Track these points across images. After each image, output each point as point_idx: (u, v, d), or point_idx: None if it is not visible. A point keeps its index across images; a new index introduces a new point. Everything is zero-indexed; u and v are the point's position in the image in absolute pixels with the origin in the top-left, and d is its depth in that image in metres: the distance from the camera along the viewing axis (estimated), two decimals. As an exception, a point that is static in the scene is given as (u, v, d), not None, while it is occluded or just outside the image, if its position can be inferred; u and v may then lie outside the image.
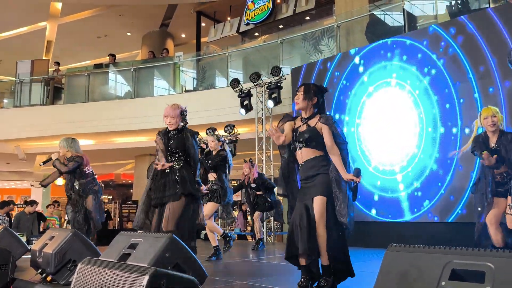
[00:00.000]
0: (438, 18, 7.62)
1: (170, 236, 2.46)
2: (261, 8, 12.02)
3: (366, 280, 3.45)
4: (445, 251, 1.44)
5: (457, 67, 5.91)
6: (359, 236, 6.52)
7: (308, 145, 3.02)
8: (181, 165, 3.83)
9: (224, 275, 4.25)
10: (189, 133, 3.90)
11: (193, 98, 10.46)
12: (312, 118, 3.07)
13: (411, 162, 6.29)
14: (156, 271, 1.87)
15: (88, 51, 16.35)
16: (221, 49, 12.01)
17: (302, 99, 3.08)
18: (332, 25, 9.01)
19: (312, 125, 3.04)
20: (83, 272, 2.21)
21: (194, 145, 3.85)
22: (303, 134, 3.04)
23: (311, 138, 3.01)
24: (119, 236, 2.81)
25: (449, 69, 6.00)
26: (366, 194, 6.71)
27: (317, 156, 3.02)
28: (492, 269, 1.29)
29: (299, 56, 9.65)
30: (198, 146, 3.96)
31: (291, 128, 3.15)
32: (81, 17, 14.42)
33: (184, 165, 3.83)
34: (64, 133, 10.42)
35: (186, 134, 3.89)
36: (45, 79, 12.00)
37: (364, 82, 7.05)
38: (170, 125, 3.86)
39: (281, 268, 4.60)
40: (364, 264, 4.76)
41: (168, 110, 3.88)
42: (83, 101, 11.31)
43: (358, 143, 6.99)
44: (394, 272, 1.51)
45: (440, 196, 5.86)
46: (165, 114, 3.89)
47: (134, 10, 14.15)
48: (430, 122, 6.14)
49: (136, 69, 11.43)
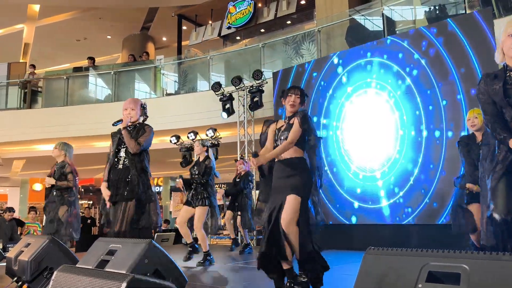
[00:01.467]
0: (416, 23, 7.75)
1: (149, 242, 2.43)
2: (243, 12, 12.04)
3: (346, 283, 3.46)
4: (422, 254, 1.46)
5: (439, 67, 5.89)
6: (340, 238, 6.58)
7: None
8: (134, 164, 3.60)
9: (205, 281, 4.22)
10: (146, 127, 3.69)
11: (174, 101, 10.40)
12: (293, 117, 3.09)
13: (393, 167, 6.25)
14: (133, 278, 1.84)
15: (67, 54, 16.12)
16: (202, 52, 11.97)
17: (298, 102, 3.09)
18: (313, 29, 9.08)
19: (292, 123, 3.05)
20: (59, 280, 2.16)
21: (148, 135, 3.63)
22: (284, 132, 3.05)
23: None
24: (97, 242, 2.76)
25: (432, 69, 5.97)
26: (345, 201, 6.70)
27: (297, 157, 3.02)
28: (467, 270, 1.31)
29: (281, 60, 9.69)
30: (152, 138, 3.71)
31: (274, 129, 3.16)
32: (59, 20, 14.21)
33: (137, 164, 3.61)
34: (42, 137, 10.25)
35: (143, 127, 3.68)
36: (22, 82, 11.75)
37: (342, 83, 7.00)
38: (130, 117, 3.66)
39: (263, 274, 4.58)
40: (344, 267, 4.79)
41: (128, 102, 3.72)
42: (62, 104, 11.11)
43: (337, 147, 6.99)
44: (372, 275, 1.52)
45: (424, 205, 5.81)
46: (125, 106, 3.70)
47: (114, 13, 14.01)
48: (411, 125, 6.13)
49: (116, 73, 11.30)
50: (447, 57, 5.86)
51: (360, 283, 1.52)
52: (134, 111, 3.67)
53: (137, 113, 3.69)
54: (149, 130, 3.67)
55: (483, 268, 1.29)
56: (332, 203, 6.84)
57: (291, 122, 3.05)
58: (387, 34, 7.44)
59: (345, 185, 6.77)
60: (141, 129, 3.67)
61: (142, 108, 3.75)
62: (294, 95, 3.09)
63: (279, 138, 3.07)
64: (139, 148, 3.59)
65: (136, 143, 3.59)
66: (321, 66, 7.42)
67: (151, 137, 3.67)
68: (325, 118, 7.21)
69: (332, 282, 3.09)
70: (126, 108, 3.68)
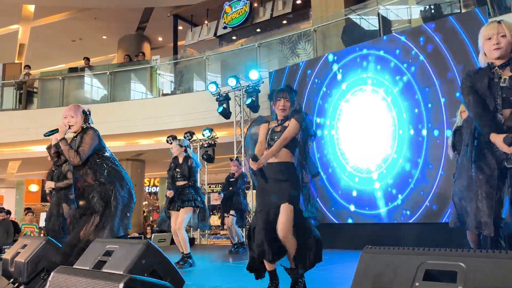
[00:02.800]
0: (411, 23, 7.77)
1: (146, 243, 2.42)
2: (239, 11, 12.03)
3: (342, 283, 3.47)
4: (419, 252, 1.46)
5: (438, 63, 5.82)
6: (335, 238, 6.58)
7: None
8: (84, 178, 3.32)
9: (203, 281, 4.22)
10: (86, 132, 3.34)
11: (170, 102, 10.38)
12: (287, 120, 3.06)
13: (390, 168, 6.18)
14: (131, 278, 1.84)
15: (63, 55, 16.05)
16: (198, 52, 11.95)
17: (289, 106, 3.05)
18: (309, 29, 9.09)
19: (287, 126, 3.02)
20: (55, 281, 2.15)
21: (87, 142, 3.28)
22: (277, 133, 3.02)
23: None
24: (94, 243, 2.75)
25: (431, 65, 5.89)
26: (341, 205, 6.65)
27: (288, 163, 2.99)
28: (464, 268, 1.31)
29: (277, 60, 9.69)
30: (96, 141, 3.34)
31: (266, 129, 3.13)
32: (55, 20, 14.14)
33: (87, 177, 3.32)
34: (38, 138, 10.17)
35: (83, 133, 3.34)
36: (17, 83, 11.70)
37: (338, 81, 6.94)
38: (67, 126, 3.33)
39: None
40: (341, 266, 4.80)
41: (67, 109, 3.39)
42: (57, 105, 11.06)
43: (331, 147, 6.93)
44: (369, 273, 1.52)
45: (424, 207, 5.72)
46: (64, 114, 3.38)
47: (109, 14, 13.96)
48: (410, 123, 6.05)
49: (112, 73, 11.26)
50: (446, 53, 5.75)
51: (357, 282, 1.53)
52: (74, 118, 3.35)
53: (77, 120, 3.37)
54: (88, 137, 3.30)
55: (479, 266, 1.29)
56: (328, 206, 6.77)
57: (286, 125, 3.01)
58: (383, 34, 7.44)
59: (340, 186, 6.68)
60: (82, 136, 3.33)
61: (84, 115, 3.43)
62: (284, 99, 3.03)
63: (272, 139, 3.03)
64: (78, 160, 3.23)
65: (75, 154, 3.24)
66: (315, 63, 7.38)
67: (92, 142, 3.30)
68: (320, 117, 7.13)
69: (329, 281, 3.09)
70: (66, 116, 3.37)
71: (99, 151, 3.37)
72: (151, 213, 17.45)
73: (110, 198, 3.30)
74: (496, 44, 2.26)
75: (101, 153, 3.38)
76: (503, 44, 2.25)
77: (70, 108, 3.41)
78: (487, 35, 2.32)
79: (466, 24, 5.67)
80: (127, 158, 11.99)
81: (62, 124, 3.34)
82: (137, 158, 12.44)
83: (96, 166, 3.32)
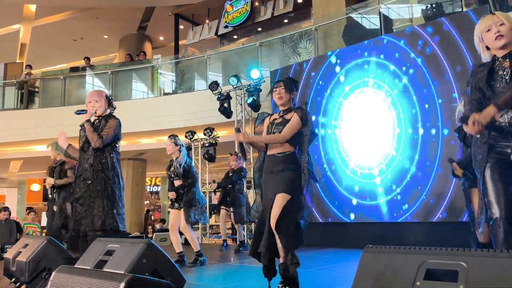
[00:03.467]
0: (413, 21, 7.76)
1: (147, 242, 2.43)
2: (240, 11, 12.02)
3: (344, 282, 3.47)
4: (420, 251, 1.46)
5: (435, 66, 5.90)
6: (337, 237, 6.59)
7: None
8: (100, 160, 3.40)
9: (204, 280, 4.22)
10: (110, 119, 3.47)
11: (172, 101, 10.39)
12: (289, 112, 3.08)
13: (390, 165, 6.28)
14: (132, 277, 1.84)
15: (64, 54, 16.07)
16: (199, 52, 11.95)
17: (284, 92, 3.08)
18: (310, 28, 9.08)
19: (288, 118, 3.04)
20: (57, 280, 2.16)
21: (112, 127, 3.40)
22: (278, 126, 3.04)
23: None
24: (95, 242, 2.76)
25: (428, 68, 5.99)
26: (344, 198, 6.73)
27: (288, 153, 3.00)
28: (465, 268, 1.31)
29: (278, 59, 9.69)
30: (118, 130, 3.46)
31: (268, 122, 3.16)
32: (56, 20, 14.16)
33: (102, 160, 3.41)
34: (40, 138, 10.22)
35: (108, 120, 3.46)
36: (18, 82, 11.72)
37: (340, 82, 7.04)
38: (94, 109, 3.46)
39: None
40: (341, 265, 4.80)
41: (90, 94, 3.52)
42: (59, 105, 11.09)
43: (335, 146, 7.01)
44: (370, 273, 1.52)
45: (421, 201, 5.82)
46: (88, 99, 3.50)
47: (110, 13, 13.97)
48: (409, 123, 6.15)
49: (113, 72, 11.28)
50: (442, 56, 5.90)
51: (359, 282, 1.53)
52: (98, 103, 3.47)
53: (102, 105, 3.49)
54: (113, 123, 3.44)
55: (480, 265, 1.29)
56: (331, 200, 6.87)
57: (288, 118, 3.03)
58: (384, 32, 7.44)
59: (343, 182, 6.80)
60: (107, 121, 3.46)
61: (108, 100, 3.55)
62: (279, 88, 3.09)
63: (272, 131, 3.05)
64: (100, 143, 3.34)
65: (98, 137, 3.36)
66: (319, 65, 7.44)
67: (115, 130, 3.43)
68: (324, 117, 7.23)
69: (330, 280, 3.09)
70: (90, 101, 3.49)
71: (116, 142, 3.47)
72: (152, 213, 17.48)
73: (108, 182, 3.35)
74: (497, 32, 2.19)
75: (115, 144, 3.48)
76: (504, 32, 2.19)
77: (93, 93, 3.54)
78: (485, 27, 2.25)
79: (461, 26, 5.76)
80: (129, 158, 12.01)
81: (90, 107, 3.45)
82: (139, 157, 12.47)
83: (104, 154, 3.41)
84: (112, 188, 3.36)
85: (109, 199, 3.33)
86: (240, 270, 5.06)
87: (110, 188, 3.35)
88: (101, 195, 3.32)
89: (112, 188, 3.36)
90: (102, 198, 3.31)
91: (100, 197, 3.31)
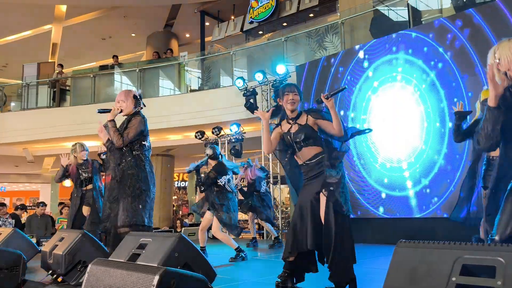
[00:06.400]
0: (443, 12, 7.56)
1: (179, 236, 2.47)
2: (265, 6, 12.00)
3: (374, 278, 3.44)
4: (455, 247, 1.44)
5: (464, 60, 5.82)
6: (365, 232, 6.53)
7: (307, 144, 2.98)
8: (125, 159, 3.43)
9: (233, 274, 4.27)
10: (134, 117, 3.47)
11: (198, 97, 10.48)
12: (300, 117, 3.04)
13: (419, 158, 6.22)
14: (166, 270, 1.88)
15: (93, 53, 16.42)
16: (225, 48, 12.01)
17: (299, 99, 3.06)
18: (336, 21, 8.98)
19: (303, 123, 3.00)
20: (93, 272, 2.23)
21: (134, 125, 3.42)
22: (298, 135, 2.99)
23: (307, 136, 2.96)
24: (128, 236, 2.83)
25: (457, 62, 5.92)
26: (373, 191, 6.69)
27: (319, 153, 2.98)
28: (503, 263, 1.29)
29: (304, 54, 9.63)
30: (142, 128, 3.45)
31: (279, 133, 3.11)
32: (85, 19, 14.48)
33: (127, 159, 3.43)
34: (71, 135, 10.51)
35: (133, 117, 3.48)
36: (51, 81, 12.07)
37: (369, 78, 7.01)
38: (119, 109, 3.51)
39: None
40: (374, 260, 4.76)
41: (119, 95, 3.57)
42: (89, 102, 11.36)
43: (364, 140, 6.96)
44: (404, 268, 1.50)
45: (449, 193, 5.78)
46: (116, 99, 3.55)
47: (138, 11, 14.18)
48: (437, 117, 6.08)
49: (141, 70, 11.46)
50: (471, 49, 5.79)
51: (392, 277, 1.52)
52: (125, 103, 3.51)
53: (128, 104, 3.52)
54: (136, 121, 3.45)
55: (519, 261, 1.26)
56: (361, 193, 6.87)
57: (301, 123, 2.99)
58: (413, 25, 7.29)
59: (372, 176, 6.79)
60: (130, 120, 3.48)
61: (135, 99, 3.55)
62: (292, 93, 3.03)
63: (294, 141, 3.00)
64: (121, 143, 3.38)
65: (119, 136, 3.39)
66: (347, 60, 7.38)
67: (137, 128, 3.44)
68: (353, 111, 7.21)
69: (363, 276, 3.07)
70: (118, 101, 3.54)
71: (142, 139, 3.48)
72: (180, 207, 17.73)
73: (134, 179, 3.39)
74: None
75: (141, 141, 3.48)
76: None
77: (121, 93, 3.58)
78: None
79: (490, 17, 5.63)
80: (157, 154, 12.20)
81: (115, 107, 3.50)
82: (167, 153, 12.65)
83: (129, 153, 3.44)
84: (140, 186, 3.39)
85: (136, 196, 3.37)
86: (270, 264, 5.09)
87: (138, 185, 3.39)
88: (128, 193, 3.36)
89: (139, 186, 3.39)
90: (129, 196, 3.36)
91: (127, 195, 3.36)
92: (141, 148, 3.49)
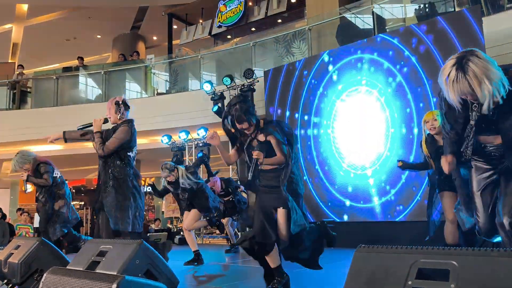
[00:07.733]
0: (406, 21, 7.79)
1: (140, 243, 2.41)
2: (233, 10, 12.01)
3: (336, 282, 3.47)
4: (412, 251, 1.46)
5: (430, 64, 5.88)
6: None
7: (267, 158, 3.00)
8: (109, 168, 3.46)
9: (197, 280, 4.21)
10: (120, 126, 3.45)
11: (165, 101, 10.35)
12: (259, 133, 3.05)
13: (384, 165, 6.25)
14: (124, 279, 1.83)
15: (57, 54, 15.98)
16: (193, 51, 11.92)
17: (249, 126, 3.02)
18: (304, 28, 9.09)
19: (263, 140, 3.01)
20: (48, 281, 2.14)
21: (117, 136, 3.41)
22: (255, 148, 2.99)
23: (267, 153, 2.97)
24: (88, 243, 2.75)
25: (422, 66, 5.97)
26: (337, 200, 6.70)
27: (276, 169, 3.02)
28: (456, 267, 1.32)
29: (272, 59, 9.69)
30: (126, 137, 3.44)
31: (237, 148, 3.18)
32: (48, 19, 14.09)
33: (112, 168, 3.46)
34: (32, 138, 10.13)
35: (121, 125, 3.46)
36: (10, 82, 11.63)
37: (333, 81, 7.00)
38: (101, 121, 3.53)
39: (256, 271, 4.58)
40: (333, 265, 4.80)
41: (107, 104, 3.60)
42: (51, 105, 11.01)
43: (328, 146, 6.96)
44: (362, 273, 1.52)
45: (416, 202, 5.80)
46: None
47: (103, 13, 13.91)
48: (402, 123, 6.13)
49: (106, 72, 11.22)
50: (437, 54, 5.87)
51: (351, 281, 1.53)
52: (109, 111, 3.53)
53: (111, 112, 3.52)
54: (120, 131, 3.44)
55: (471, 264, 1.30)
56: (324, 201, 6.85)
57: (261, 139, 3.00)
58: (378, 32, 7.46)
59: (336, 183, 6.77)
60: (115, 130, 3.48)
61: (116, 105, 3.53)
62: (242, 124, 2.99)
63: (250, 154, 2.99)
64: (102, 152, 3.40)
65: (101, 146, 3.41)
66: (311, 64, 7.42)
67: (121, 138, 3.43)
68: (316, 117, 7.20)
69: (322, 280, 3.10)
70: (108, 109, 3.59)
71: (127, 149, 3.46)
72: (146, 213, 17.42)
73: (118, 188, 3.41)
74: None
75: (126, 151, 3.46)
76: None
77: (109, 101, 3.59)
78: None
79: (455, 24, 5.75)
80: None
81: (96, 119, 3.52)
82: (132, 157, 12.39)
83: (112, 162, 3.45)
84: (124, 193, 3.40)
85: (121, 204, 3.39)
86: (235, 270, 5.06)
87: (121, 193, 3.40)
88: (113, 201, 3.38)
89: (123, 193, 3.40)
90: (114, 204, 3.38)
91: (112, 203, 3.38)
92: (124, 157, 3.49)
